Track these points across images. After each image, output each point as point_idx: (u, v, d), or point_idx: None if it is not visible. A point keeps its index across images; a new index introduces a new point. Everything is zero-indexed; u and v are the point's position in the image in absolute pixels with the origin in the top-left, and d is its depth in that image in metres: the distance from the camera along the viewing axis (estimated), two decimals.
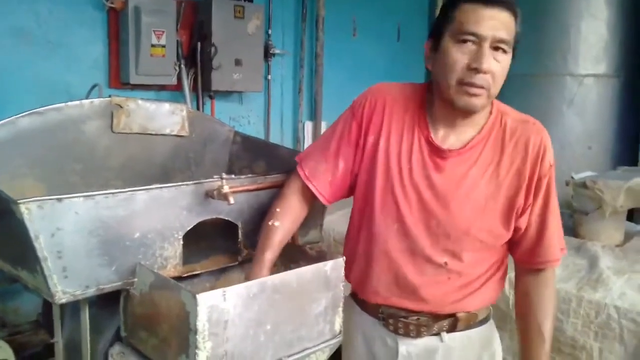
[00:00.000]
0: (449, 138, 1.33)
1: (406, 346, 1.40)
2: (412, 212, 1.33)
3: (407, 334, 1.40)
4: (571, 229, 2.77)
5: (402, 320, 1.40)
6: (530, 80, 3.97)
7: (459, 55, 1.24)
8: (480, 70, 1.22)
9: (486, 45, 1.22)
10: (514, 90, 4.12)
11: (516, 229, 1.36)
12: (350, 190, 1.45)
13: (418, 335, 1.39)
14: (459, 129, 1.33)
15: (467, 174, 1.31)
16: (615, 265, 2.29)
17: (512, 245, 1.41)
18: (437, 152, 1.32)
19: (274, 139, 3.82)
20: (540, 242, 1.36)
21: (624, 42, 3.91)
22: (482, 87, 1.24)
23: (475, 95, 1.24)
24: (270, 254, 1.36)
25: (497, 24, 1.22)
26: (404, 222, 1.34)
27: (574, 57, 3.87)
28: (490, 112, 1.35)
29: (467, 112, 1.29)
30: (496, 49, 1.23)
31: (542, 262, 1.38)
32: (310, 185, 1.40)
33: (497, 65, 1.24)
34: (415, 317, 1.38)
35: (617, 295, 2.02)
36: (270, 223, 1.39)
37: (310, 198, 1.44)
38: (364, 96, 1.42)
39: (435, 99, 1.34)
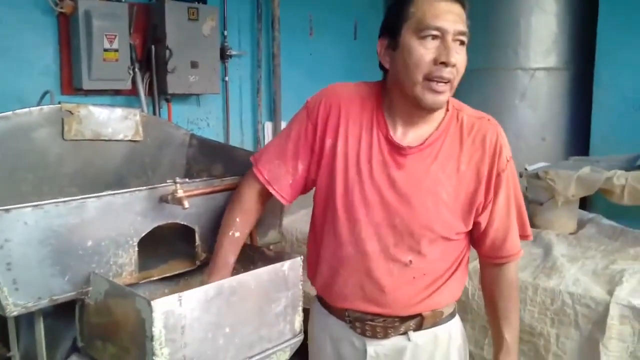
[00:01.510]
0: (407, 135, 1.33)
1: (374, 347, 1.39)
2: (375, 212, 1.32)
3: (374, 336, 1.39)
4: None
5: (369, 323, 1.39)
6: (483, 75, 4.05)
7: (423, 51, 1.23)
8: (448, 64, 1.22)
9: (449, 39, 1.22)
10: (467, 85, 4.15)
11: (477, 225, 1.37)
12: (307, 188, 1.45)
13: (385, 336, 1.39)
14: (418, 126, 1.33)
15: (429, 169, 1.31)
16: (569, 252, 2.36)
17: (474, 241, 1.43)
18: (397, 149, 1.32)
19: (234, 140, 3.80)
20: (503, 239, 1.38)
21: (574, 35, 4.01)
22: (448, 82, 1.24)
23: (441, 92, 1.25)
24: (232, 259, 1.38)
25: (455, 16, 1.23)
26: (368, 223, 1.33)
27: (525, 51, 3.96)
28: (447, 109, 1.34)
29: (431, 110, 1.30)
30: (456, 41, 1.24)
31: (504, 257, 1.41)
32: (271, 189, 1.39)
33: (459, 57, 1.25)
34: (382, 319, 1.38)
35: (571, 281, 2.07)
36: (230, 234, 1.39)
37: (266, 198, 1.43)
38: (319, 98, 1.39)
39: (394, 97, 1.33)
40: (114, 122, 1.80)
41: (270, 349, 1.30)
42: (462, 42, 1.25)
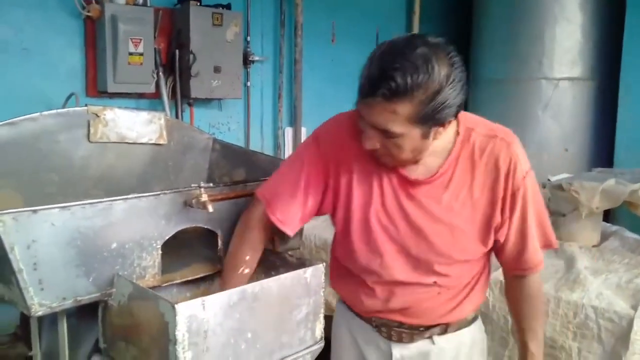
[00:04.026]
0: (417, 167, 1.29)
1: (399, 350, 1.41)
2: (392, 245, 1.32)
3: (400, 340, 1.41)
4: None
5: (395, 329, 1.40)
6: (507, 85, 4.03)
7: (360, 123, 1.23)
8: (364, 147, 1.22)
9: (368, 128, 1.19)
10: (490, 96, 4.21)
11: (496, 241, 1.35)
12: (316, 215, 1.44)
13: (411, 341, 1.40)
14: (426, 159, 1.28)
15: (441, 199, 1.29)
16: (592, 265, 2.32)
17: (496, 252, 1.42)
18: (407, 182, 1.30)
19: (254, 145, 3.82)
20: (522, 252, 1.36)
21: (598, 46, 3.97)
22: (382, 156, 1.24)
23: (383, 160, 1.25)
24: None
25: (374, 112, 1.16)
26: (386, 255, 1.33)
27: (549, 61, 3.93)
28: (458, 132, 1.30)
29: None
30: (381, 132, 1.18)
31: (524, 269, 1.40)
32: (284, 229, 1.36)
33: (386, 141, 1.19)
34: (408, 326, 1.39)
35: (595, 295, 2.04)
36: (240, 271, 1.37)
37: (274, 230, 1.42)
38: (327, 132, 1.38)
39: None
40: (139, 126, 1.82)
41: (291, 355, 1.30)
42: (389, 135, 1.17)
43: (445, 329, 1.40)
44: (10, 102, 2.68)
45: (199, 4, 3.23)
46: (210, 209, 1.33)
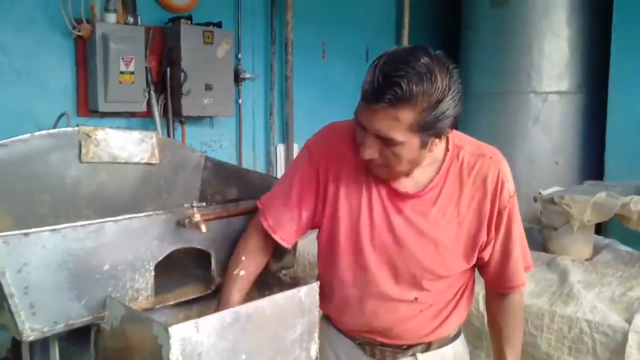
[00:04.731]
0: (406, 181, 1.31)
1: None
2: (377, 256, 1.33)
3: (383, 358, 1.42)
4: (541, 244, 2.81)
5: (379, 348, 1.42)
6: (496, 99, 4.06)
7: (356, 133, 1.25)
8: (361, 157, 1.23)
9: (369, 135, 1.20)
10: (480, 109, 4.23)
11: (480, 259, 1.37)
12: (312, 228, 1.45)
13: (394, 359, 1.42)
14: (416, 171, 1.30)
15: (428, 214, 1.30)
16: (585, 279, 2.33)
17: (479, 269, 1.43)
18: (396, 195, 1.31)
19: (247, 162, 3.82)
20: (505, 271, 1.38)
21: (586, 59, 4.02)
22: (377, 168, 1.26)
23: (377, 170, 1.27)
24: (236, 297, 1.37)
25: (376, 119, 1.17)
26: (370, 267, 1.34)
27: (538, 75, 3.97)
28: (447, 149, 1.32)
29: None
30: (381, 138, 1.19)
31: (508, 288, 1.42)
32: (275, 237, 1.39)
33: (385, 150, 1.20)
34: (391, 345, 1.41)
35: (588, 309, 2.05)
36: (235, 272, 1.38)
37: (273, 242, 1.43)
38: (319, 141, 1.40)
39: None
40: (131, 145, 1.81)
41: None
42: (390, 142, 1.18)
43: (428, 347, 1.42)
44: (1, 123, 2.66)
45: (189, 22, 3.24)
46: (204, 229, 1.32)
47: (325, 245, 1.41)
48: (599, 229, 3.29)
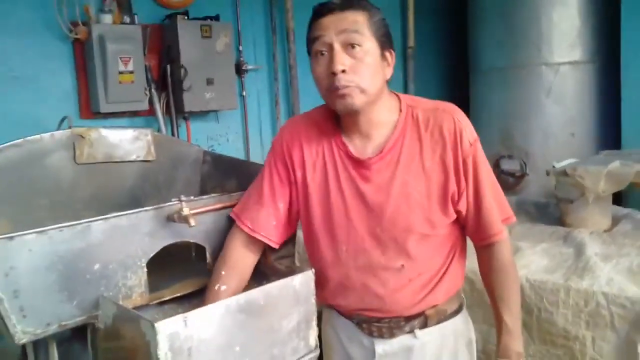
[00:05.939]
0: (366, 148, 1.37)
1: (382, 346, 1.43)
2: (356, 229, 1.36)
3: (381, 336, 1.43)
4: (558, 219, 2.74)
5: (375, 325, 1.42)
6: (507, 73, 3.96)
7: (317, 68, 1.32)
8: (335, 73, 1.26)
9: (336, 47, 1.27)
10: (492, 85, 4.15)
11: (459, 213, 1.38)
12: (295, 223, 1.49)
13: (392, 336, 1.42)
14: (373, 136, 1.36)
15: (394, 174, 1.34)
16: (603, 251, 2.26)
17: (465, 228, 1.44)
18: (360, 164, 1.36)
19: (254, 154, 3.80)
20: (480, 220, 1.39)
21: (597, 27, 3.90)
22: (346, 86, 1.27)
23: (345, 95, 1.28)
24: None
25: (339, 22, 1.28)
26: (351, 242, 1.37)
27: (548, 46, 3.86)
28: (400, 110, 1.38)
29: (357, 113, 1.32)
30: (347, 46, 1.27)
31: (487, 238, 1.41)
32: (258, 237, 1.41)
33: (352, 60, 1.27)
34: (387, 320, 1.41)
35: (605, 281, 1.98)
36: (216, 288, 1.37)
37: (258, 246, 1.44)
38: (280, 135, 1.48)
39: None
40: (126, 144, 1.80)
41: None
42: (354, 45, 1.27)
43: (424, 321, 1.41)
44: (5, 130, 2.67)
45: (186, 17, 3.22)
46: (193, 222, 1.30)
47: (306, 229, 1.44)
48: (619, 199, 3.20)
